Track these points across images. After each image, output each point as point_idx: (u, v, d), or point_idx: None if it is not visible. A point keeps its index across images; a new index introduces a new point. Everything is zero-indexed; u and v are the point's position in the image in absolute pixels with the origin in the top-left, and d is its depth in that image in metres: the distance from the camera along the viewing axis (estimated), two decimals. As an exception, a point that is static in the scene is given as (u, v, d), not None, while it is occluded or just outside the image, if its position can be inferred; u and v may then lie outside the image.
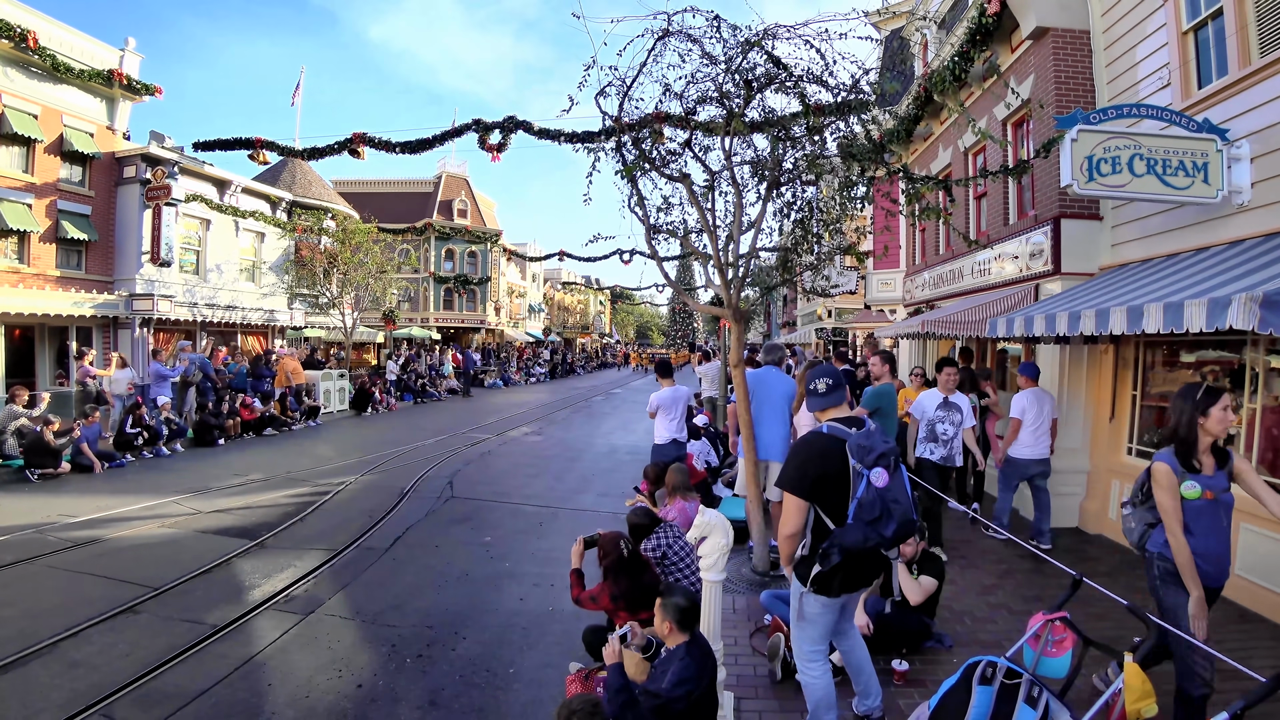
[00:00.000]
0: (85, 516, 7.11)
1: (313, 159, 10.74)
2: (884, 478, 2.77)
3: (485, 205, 38.71)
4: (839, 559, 2.81)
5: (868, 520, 2.76)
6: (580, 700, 2.55)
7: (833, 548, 2.82)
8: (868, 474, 2.77)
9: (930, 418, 6.13)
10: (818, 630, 3.09)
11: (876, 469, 2.78)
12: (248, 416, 13.17)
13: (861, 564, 2.94)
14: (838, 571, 2.88)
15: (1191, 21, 5.73)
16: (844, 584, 2.96)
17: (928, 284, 11.38)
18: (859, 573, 2.98)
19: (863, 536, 2.76)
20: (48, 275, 13.77)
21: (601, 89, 5.27)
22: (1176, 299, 4.20)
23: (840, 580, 2.93)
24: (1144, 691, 2.49)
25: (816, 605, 3.04)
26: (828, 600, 3.01)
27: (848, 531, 2.80)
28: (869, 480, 2.76)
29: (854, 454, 2.82)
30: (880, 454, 2.81)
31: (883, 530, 2.75)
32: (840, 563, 2.82)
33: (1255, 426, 5.08)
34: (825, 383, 3.08)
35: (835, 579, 2.92)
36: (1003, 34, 7.99)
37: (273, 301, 19.54)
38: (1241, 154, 5.15)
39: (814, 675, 3.10)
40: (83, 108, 14.41)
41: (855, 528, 2.78)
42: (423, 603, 5.05)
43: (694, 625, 2.91)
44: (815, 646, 3.11)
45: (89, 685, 3.71)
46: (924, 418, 6.18)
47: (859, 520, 2.78)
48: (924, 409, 6.20)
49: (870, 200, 6.31)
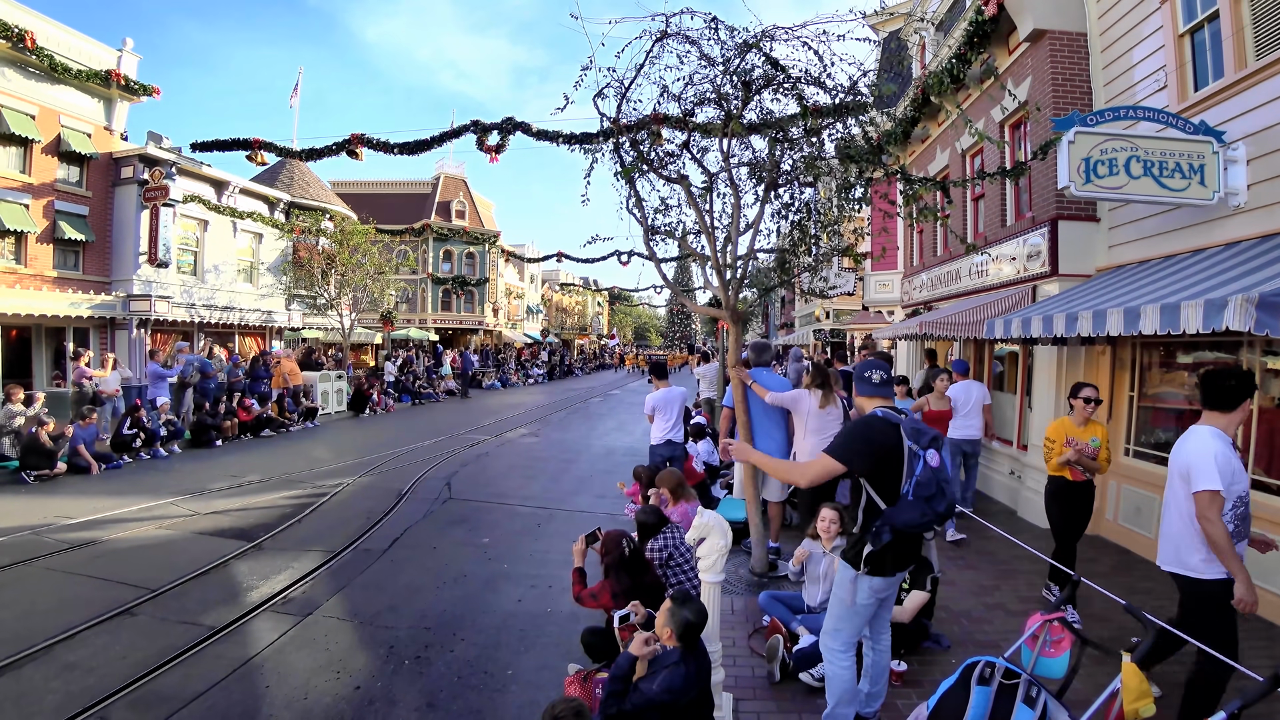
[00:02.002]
0: (82, 518, 7.08)
1: (311, 160, 10.73)
2: (937, 458, 2.94)
3: (483, 206, 38.71)
4: (890, 538, 2.93)
5: (925, 497, 2.89)
6: (564, 704, 2.54)
7: (884, 526, 2.94)
8: (924, 454, 2.91)
9: None
10: (860, 620, 3.18)
11: (930, 450, 2.94)
12: (245, 418, 13.14)
13: (908, 542, 3.04)
14: (889, 550, 2.98)
15: (1188, 24, 5.76)
16: (895, 563, 3.05)
17: (925, 285, 11.40)
18: (906, 552, 3.07)
19: (919, 514, 2.89)
20: (45, 276, 13.73)
21: (599, 90, 5.28)
22: (1173, 300, 4.21)
23: (892, 559, 3.03)
24: (1141, 691, 2.49)
25: (868, 591, 3.10)
26: (881, 584, 3.09)
27: (903, 509, 2.91)
28: (925, 460, 2.91)
29: (909, 436, 2.96)
30: (933, 437, 3.00)
31: (936, 507, 2.89)
32: (891, 541, 2.94)
33: (1252, 427, 5.09)
34: (880, 375, 3.25)
35: (888, 558, 3.01)
36: (1000, 36, 8.02)
37: (270, 302, 19.51)
38: (1238, 156, 5.17)
39: (844, 666, 3.17)
40: (80, 108, 14.38)
41: (914, 505, 2.91)
42: (420, 604, 5.04)
43: (695, 641, 2.90)
44: (852, 639, 3.19)
45: (85, 688, 3.70)
46: None
47: (918, 498, 2.90)
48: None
49: (868, 202, 6.32)
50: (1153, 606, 3.53)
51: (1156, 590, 5.27)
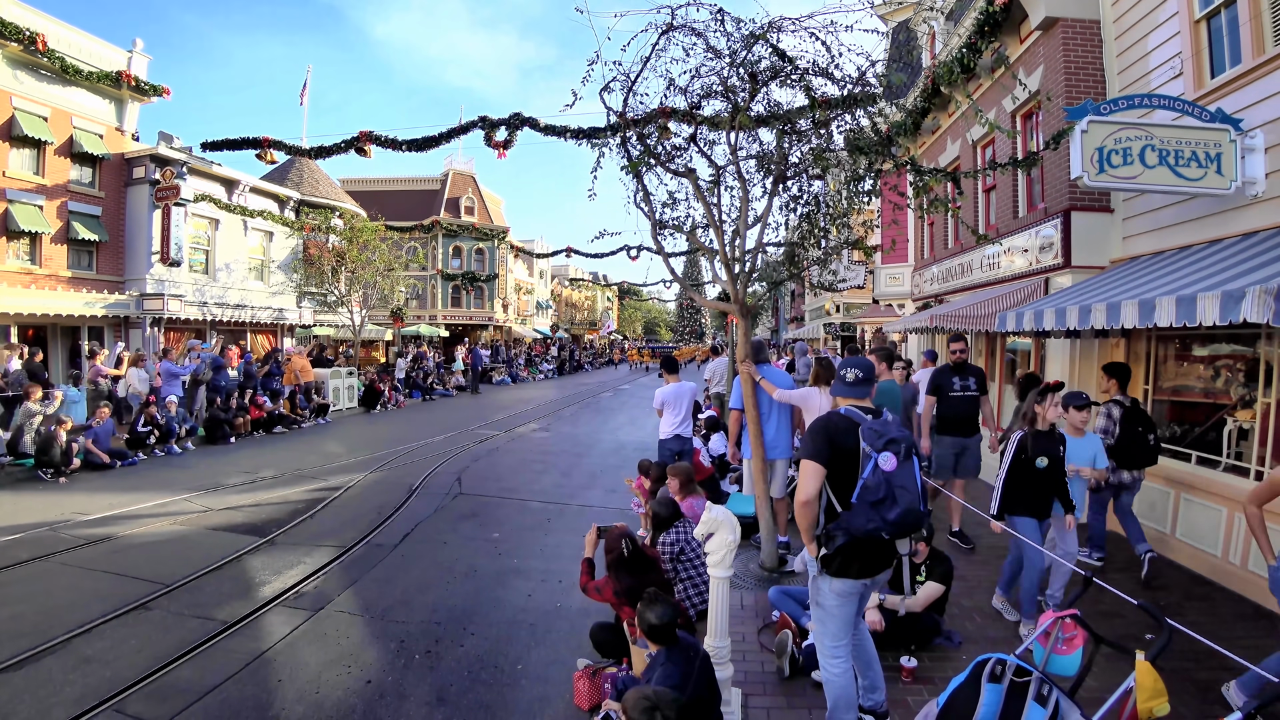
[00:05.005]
0: (97, 514, 7.18)
1: (320, 158, 10.75)
2: (892, 462, 2.82)
3: (492, 202, 38.74)
4: (844, 541, 2.86)
5: (871, 502, 2.81)
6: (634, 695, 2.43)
7: (838, 529, 2.88)
8: (876, 456, 2.83)
9: None
10: (837, 623, 3.09)
11: (885, 453, 2.83)
12: (257, 414, 13.26)
13: (869, 550, 2.95)
14: (845, 554, 2.91)
15: (1204, 10, 5.65)
16: (861, 568, 2.98)
17: (936, 278, 11.30)
18: (870, 559, 2.99)
19: (865, 519, 2.81)
20: (59, 276, 13.90)
21: (606, 84, 5.25)
22: (1189, 292, 4.14)
23: (858, 564, 2.95)
24: (1155, 690, 2.46)
25: (833, 595, 3.04)
26: (847, 587, 3.01)
27: (853, 514, 2.86)
28: (876, 462, 2.82)
29: (865, 437, 2.89)
30: (891, 439, 2.87)
31: (885, 514, 2.79)
32: (846, 545, 2.87)
33: (1270, 421, 5.01)
34: (855, 374, 3.15)
35: (850, 562, 2.94)
36: (1011, 25, 7.91)
37: (281, 300, 19.66)
38: (1256, 144, 5.07)
39: (836, 672, 3.10)
40: (92, 109, 14.52)
41: (859, 510, 2.84)
42: (431, 599, 5.07)
43: (669, 639, 2.88)
44: (837, 642, 3.10)
45: (102, 681, 3.75)
46: None
47: (863, 502, 2.83)
48: None
49: (877, 194, 6.27)
50: (1167, 604, 3.50)
51: (1171, 587, 5.23)
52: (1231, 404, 5.58)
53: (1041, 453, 4.23)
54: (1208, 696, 3.54)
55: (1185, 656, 3.66)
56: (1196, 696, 3.54)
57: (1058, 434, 4.39)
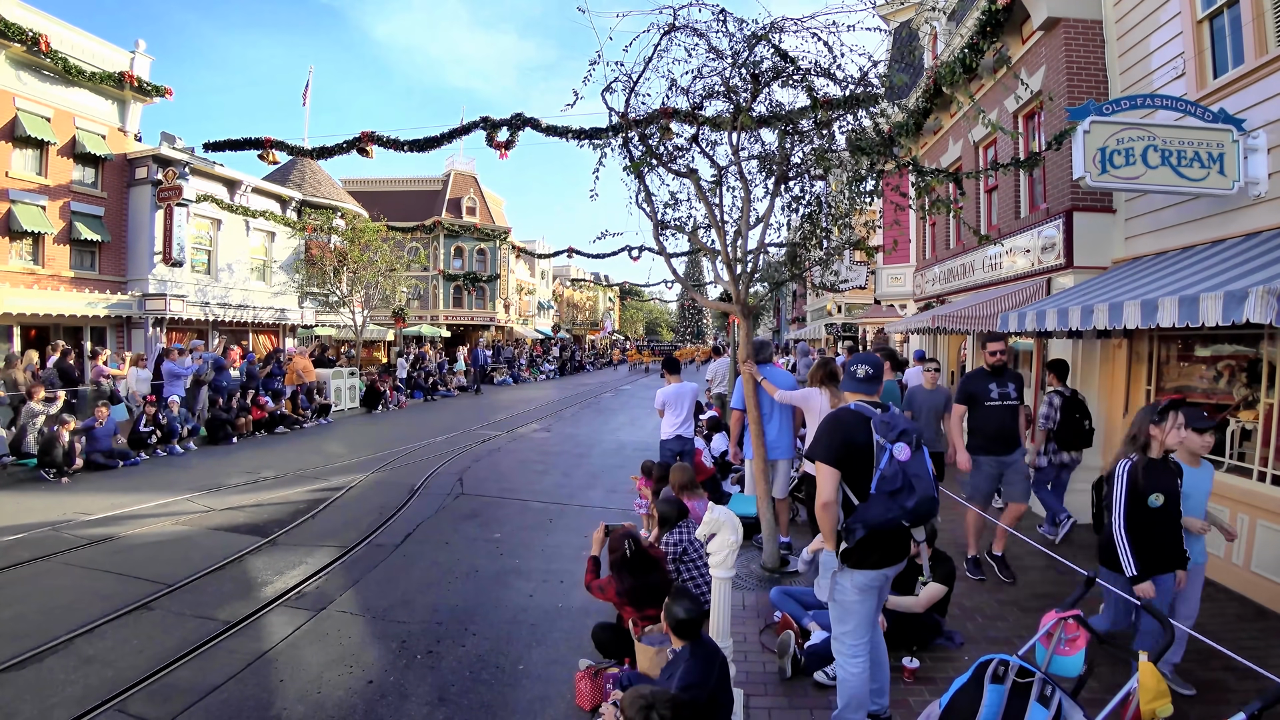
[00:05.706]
0: (99, 514, 7.19)
1: (322, 158, 10.76)
2: (906, 452, 2.89)
3: (494, 202, 38.75)
4: (863, 534, 2.91)
5: (889, 492, 2.87)
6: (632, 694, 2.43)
7: (857, 523, 2.92)
8: (890, 448, 2.89)
9: None
10: (857, 619, 3.10)
11: (899, 444, 2.90)
12: (259, 415, 13.27)
13: (888, 539, 3.01)
14: (866, 547, 2.96)
15: (1206, 10, 5.64)
16: (881, 558, 3.02)
17: (938, 278, 11.29)
18: (888, 548, 3.04)
19: (884, 509, 2.87)
20: (62, 276, 13.93)
21: (608, 85, 5.25)
22: (1192, 292, 4.13)
23: (877, 554, 3.00)
24: (1159, 691, 2.45)
25: (854, 590, 3.05)
26: (868, 580, 3.04)
27: (871, 505, 2.90)
28: (891, 453, 2.88)
29: (878, 429, 2.94)
30: (903, 430, 2.94)
31: (904, 502, 2.85)
32: (865, 538, 2.92)
33: (1273, 421, 5.00)
34: (865, 370, 3.20)
35: (869, 552, 2.99)
36: (1013, 25, 7.90)
37: (283, 300, 19.69)
38: (1258, 144, 5.06)
39: (854, 672, 3.10)
40: (94, 110, 14.55)
41: (877, 500, 2.89)
42: (432, 599, 5.07)
43: (694, 635, 2.89)
44: (858, 640, 3.11)
45: (103, 681, 3.75)
46: None
47: (880, 492, 2.88)
48: None
49: (879, 194, 6.26)
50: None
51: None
52: (1234, 404, 5.57)
53: (1156, 487, 3.38)
54: (1210, 696, 3.53)
55: (1188, 657, 3.65)
56: (1198, 697, 3.54)
57: (1173, 464, 3.52)
